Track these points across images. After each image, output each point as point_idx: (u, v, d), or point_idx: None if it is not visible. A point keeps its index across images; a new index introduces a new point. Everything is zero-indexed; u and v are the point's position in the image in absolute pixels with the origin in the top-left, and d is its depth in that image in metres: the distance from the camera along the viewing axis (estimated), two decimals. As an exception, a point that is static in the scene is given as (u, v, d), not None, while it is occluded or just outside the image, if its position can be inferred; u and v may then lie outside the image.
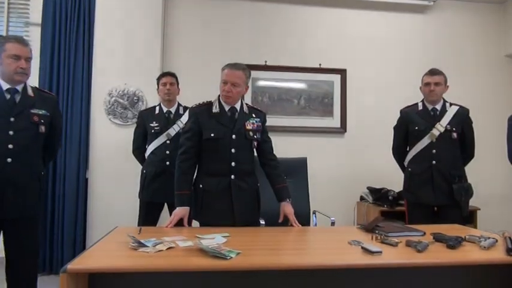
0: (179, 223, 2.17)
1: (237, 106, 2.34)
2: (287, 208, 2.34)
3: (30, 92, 2.22)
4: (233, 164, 2.26)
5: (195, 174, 2.34)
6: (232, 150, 2.26)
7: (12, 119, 2.11)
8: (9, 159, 2.09)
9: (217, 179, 2.26)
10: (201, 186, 2.28)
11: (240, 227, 2.20)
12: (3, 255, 2.18)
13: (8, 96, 2.14)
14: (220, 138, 2.25)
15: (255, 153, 2.43)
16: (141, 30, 3.71)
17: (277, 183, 2.39)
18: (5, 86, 2.14)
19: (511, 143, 2.71)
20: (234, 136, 2.27)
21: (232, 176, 2.26)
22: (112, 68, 3.65)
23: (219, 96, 2.35)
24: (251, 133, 2.33)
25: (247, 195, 2.32)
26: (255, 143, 2.37)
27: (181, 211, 2.19)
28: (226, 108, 2.32)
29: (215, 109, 2.30)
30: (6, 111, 2.11)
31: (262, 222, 2.55)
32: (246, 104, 2.42)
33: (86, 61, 3.61)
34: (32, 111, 2.18)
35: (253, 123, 2.34)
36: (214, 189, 2.25)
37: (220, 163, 2.27)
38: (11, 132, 2.10)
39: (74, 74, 3.58)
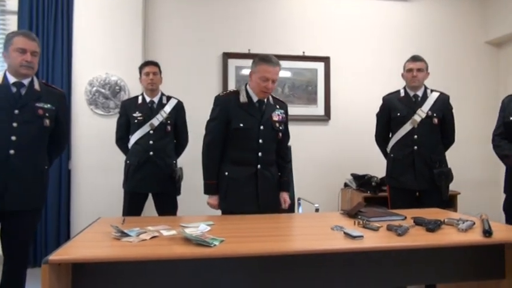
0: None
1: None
2: (287, 197, 2.51)
3: (36, 86, 2.24)
4: (260, 154, 2.31)
5: None
6: (260, 141, 2.30)
7: (16, 111, 2.13)
8: (12, 151, 2.10)
9: (244, 167, 2.30)
10: (226, 173, 2.31)
11: (263, 213, 2.27)
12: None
13: (14, 89, 2.17)
14: (249, 129, 2.28)
15: None
16: (121, 18, 3.63)
17: (284, 176, 2.51)
18: (12, 79, 2.17)
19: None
20: (261, 127, 2.31)
21: (259, 166, 2.31)
22: (92, 57, 3.58)
23: (245, 85, 2.37)
24: (277, 124, 2.38)
25: (271, 183, 2.38)
26: (280, 134, 2.41)
27: (215, 199, 2.31)
28: (255, 99, 2.33)
29: (243, 99, 2.31)
30: (10, 103, 2.13)
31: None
32: (271, 95, 2.45)
33: (66, 50, 3.52)
34: (37, 104, 2.20)
35: (278, 115, 2.40)
36: (240, 177, 2.29)
37: (247, 153, 2.30)
38: (14, 124, 2.12)
39: (53, 63, 3.50)
